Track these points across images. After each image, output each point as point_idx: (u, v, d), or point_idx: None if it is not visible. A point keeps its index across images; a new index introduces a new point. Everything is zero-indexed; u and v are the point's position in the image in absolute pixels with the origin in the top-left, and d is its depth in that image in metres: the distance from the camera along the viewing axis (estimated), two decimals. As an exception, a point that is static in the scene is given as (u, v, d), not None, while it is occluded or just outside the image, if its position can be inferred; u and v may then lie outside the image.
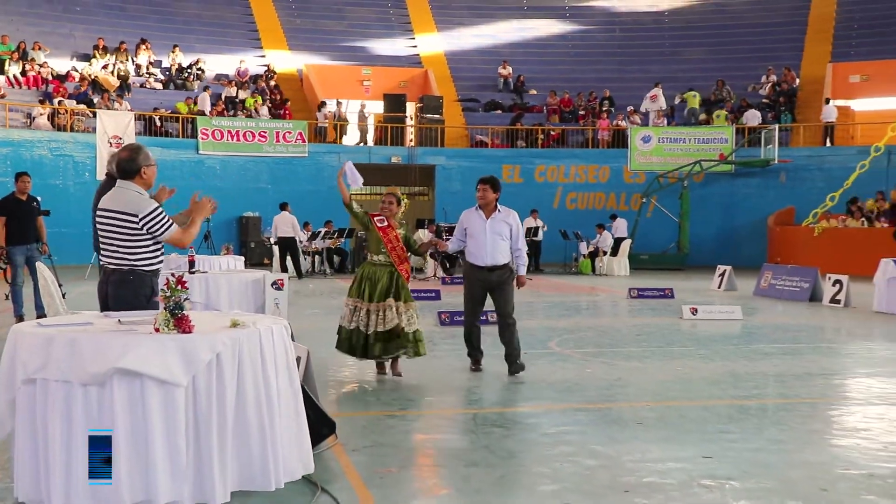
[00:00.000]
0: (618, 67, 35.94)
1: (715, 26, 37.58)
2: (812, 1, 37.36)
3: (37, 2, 33.33)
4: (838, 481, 5.69)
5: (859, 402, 8.76)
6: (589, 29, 38.48)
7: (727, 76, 33.94)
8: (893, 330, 13.95)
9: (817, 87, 33.48)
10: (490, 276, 9.17)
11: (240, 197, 28.55)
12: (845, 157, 29.42)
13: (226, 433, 4.88)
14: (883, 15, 35.90)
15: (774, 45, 35.82)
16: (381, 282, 8.77)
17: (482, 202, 9.29)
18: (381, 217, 8.93)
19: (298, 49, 35.47)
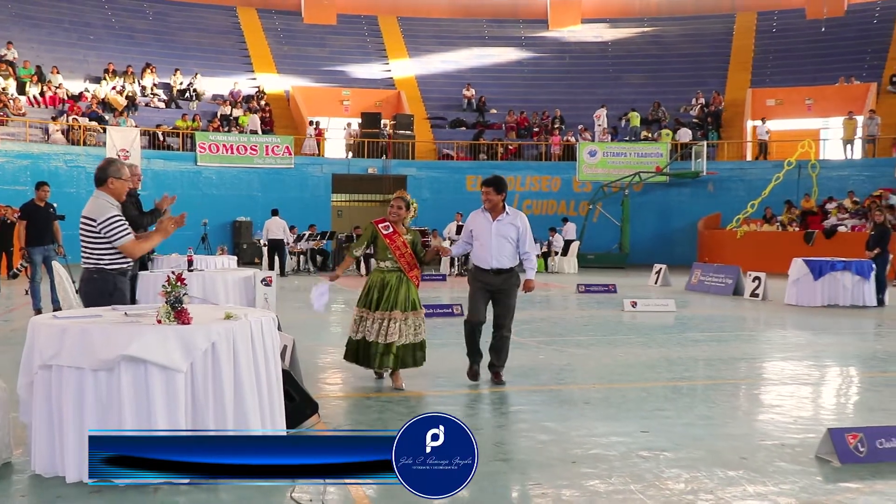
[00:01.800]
0: (567, 90, 36.02)
1: (652, 55, 37.79)
2: (734, 34, 37.75)
3: (54, 31, 33.11)
4: (756, 451, 5.77)
5: (774, 382, 8.86)
6: (542, 56, 38.56)
7: (662, 98, 34.20)
8: (803, 320, 14.11)
9: (739, 109, 33.83)
10: (495, 280, 7.95)
11: (233, 203, 28.44)
12: (763, 170, 29.71)
13: (223, 413, 4.89)
14: (793, 48, 36.40)
15: (702, 72, 36.12)
16: (388, 288, 7.71)
17: (488, 205, 8.08)
18: (386, 223, 7.93)
19: (286, 72, 35.32)
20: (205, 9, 37.41)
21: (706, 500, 4.76)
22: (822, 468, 5.42)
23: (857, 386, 8.92)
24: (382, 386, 8.10)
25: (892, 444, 5.62)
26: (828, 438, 5.60)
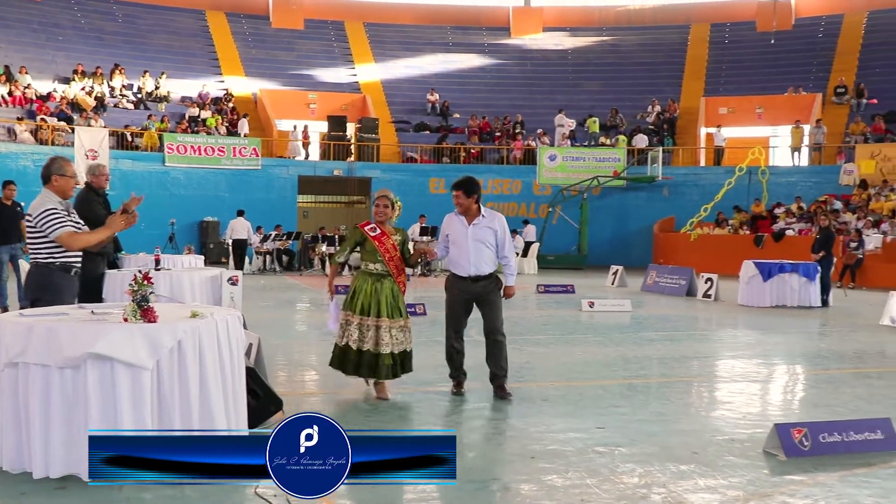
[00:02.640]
0: (528, 96, 36.14)
1: (610, 63, 38.03)
2: (689, 45, 38.12)
3: (23, 31, 32.56)
4: (707, 446, 5.84)
5: (725, 379, 8.96)
6: (504, 63, 38.66)
7: (620, 105, 34.43)
8: (753, 320, 14.29)
9: (693, 117, 34.15)
10: (474, 288, 7.26)
11: (201, 204, 28.18)
12: (715, 175, 30.02)
13: (189, 410, 4.86)
14: (745, 59, 36.85)
15: (658, 80, 36.41)
16: (375, 293, 7.06)
17: (460, 209, 7.38)
18: (373, 225, 7.24)
19: (254, 76, 35.08)
20: (174, 12, 37.06)
21: (659, 494, 4.80)
22: (769, 462, 5.50)
23: (803, 383, 9.04)
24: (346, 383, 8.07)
25: (835, 438, 5.72)
26: (774, 433, 5.68)
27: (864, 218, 24.86)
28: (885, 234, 23.55)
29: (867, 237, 23.13)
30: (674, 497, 4.76)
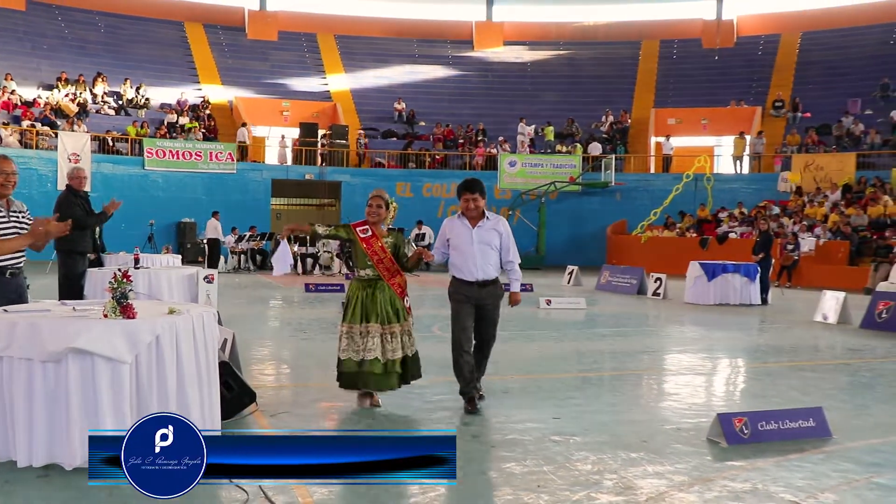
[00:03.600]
0: (490, 105, 36.19)
1: (566, 76, 38.20)
2: (640, 59, 38.41)
3: (9, 40, 32.04)
4: (655, 434, 5.88)
5: (672, 372, 9.04)
6: (467, 74, 38.70)
7: (576, 115, 34.59)
8: (699, 317, 14.41)
9: (643, 127, 34.44)
10: (480, 293, 6.55)
11: (178, 206, 27.87)
12: (664, 181, 30.27)
13: (166, 402, 4.82)
14: (691, 73, 37.23)
15: (611, 92, 36.63)
16: (368, 299, 6.37)
17: (474, 212, 6.63)
18: (365, 227, 6.54)
19: (230, 84, 34.81)
20: (154, 23, 36.69)
21: (610, 480, 4.83)
22: (712, 449, 5.56)
23: (744, 375, 9.13)
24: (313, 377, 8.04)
25: (772, 426, 5.80)
26: (717, 422, 5.74)
27: (800, 222, 25.19)
28: (818, 238, 23.88)
29: (802, 240, 23.42)
30: (624, 482, 4.79)
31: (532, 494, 4.61)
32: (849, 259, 22.58)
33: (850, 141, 29.93)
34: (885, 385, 8.30)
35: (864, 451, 5.61)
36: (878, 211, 24.44)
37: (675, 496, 4.59)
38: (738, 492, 4.67)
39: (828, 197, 26.81)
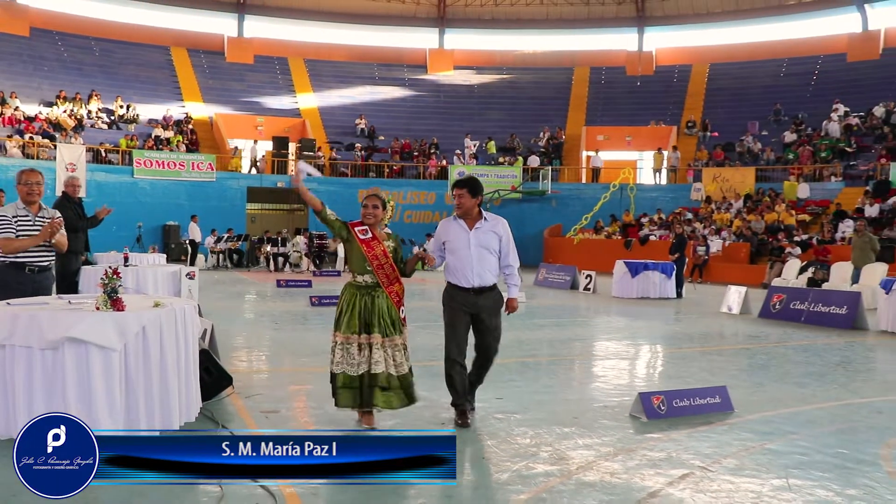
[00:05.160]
0: (442, 122, 36.19)
1: (508, 96, 38.34)
2: (573, 83, 38.70)
3: (14, 62, 31.28)
4: (585, 412, 5.96)
5: (601, 357, 9.14)
6: (422, 94, 38.65)
7: (517, 131, 34.75)
8: (623, 309, 14.59)
9: (576, 142, 34.73)
10: (477, 301, 5.49)
11: (164, 210, 27.42)
12: (594, 190, 30.57)
13: (150, 386, 4.79)
14: (617, 97, 37.55)
15: (548, 111, 36.87)
16: (366, 307, 5.19)
17: (460, 211, 5.61)
18: (364, 227, 5.35)
19: (210, 102, 34.31)
20: (143, 47, 36.05)
21: (546, 452, 4.89)
22: (634, 423, 5.64)
23: (661, 359, 9.25)
24: (284, 363, 7.99)
25: (685, 403, 5.92)
26: (638, 400, 5.84)
27: (709, 226, 25.62)
28: (724, 240, 24.32)
29: (711, 242, 23.83)
30: (558, 454, 4.85)
31: (478, 464, 4.66)
32: (749, 258, 23.01)
33: (750, 157, 30.52)
34: (777, 366, 8.51)
35: (759, 422, 5.75)
36: (773, 217, 24.97)
37: (601, 465, 4.66)
38: (655, 460, 4.76)
39: (732, 205, 27.31)
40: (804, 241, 21.92)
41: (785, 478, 4.44)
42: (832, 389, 7.13)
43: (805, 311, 12.54)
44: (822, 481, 4.39)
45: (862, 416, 6.06)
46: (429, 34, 40.91)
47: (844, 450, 5.03)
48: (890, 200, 23.25)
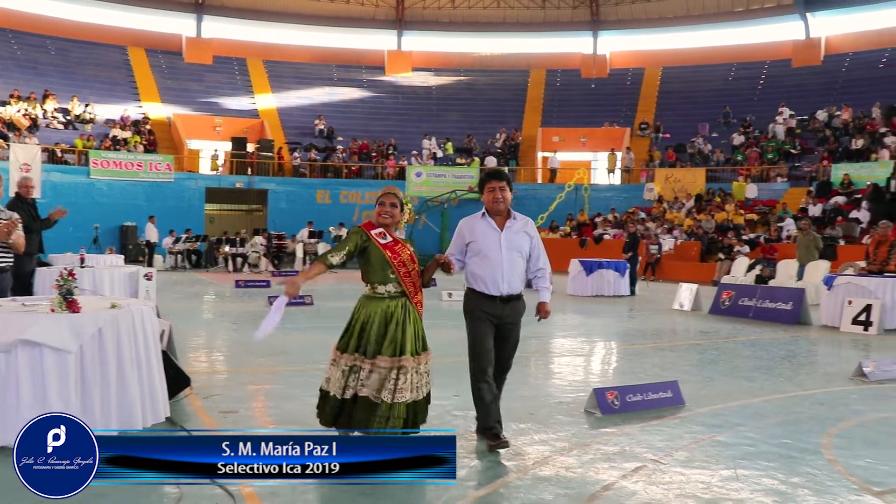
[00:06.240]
0: (400, 123, 36.14)
1: (466, 98, 38.44)
2: (529, 86, 38.95)
3: (-35, 60, 30.54)
4: (541, 408, 6.00)
5: (556, 354, 9.18)
6: (380, 95, 38.54)
7: (474, 132, 34.85)
8: (578, 306, 14.70)
9: (532, 143, 34.95)
10: (504, 310, 4.87)
11: (121, 211, 26.91)
12: (549, 190, 30.80)
13: (108, 388, 4.70)
14: (572, 99, 37.85)
15: (504, 113, 37.04)
16: (394, 323, 4.54)
17: (500, 206, 4.85)
18: (381, 230, 4.67)
19: (168, 102, 33.76)
20: (100, 47, 35.32)
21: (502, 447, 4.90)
22: (589, 418, 5.70)
23: (615, 355, 9.36)
24: (243, 363, 7.91)
25: (638, 397, 6.00)
26: (593, 396, 5.90)
27: (662, 226, 25.99)
28: (676, 239, 24.69)
29: (663, 241, 24.17)
30: (515, 449, 4.88)
31: (436, 461, 4.65)
32: (700, 256, 23.41)
33: (700, 158, 31.04)
34: (726, 361, 8.67)
35: (709, 415, 5.86)
36: (723, 217, 25.43)
37: (557, 459, 4.70)
38: (609, 454, 4.82)
39: (684, 205, 27.74)
40: (752, 240, 22.37)
41: (733, 468, 4.53)
42: (778, 382, 7.29)
43: (753, 307, 12.79)
44: (769, 471, 4.49)
45: (805, 407, 6.21)
46: (387, 36, 40.82)
47: (789, 440, 5.16)
48: (832, 200, 23.84)
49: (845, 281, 11.84)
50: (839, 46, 35.27)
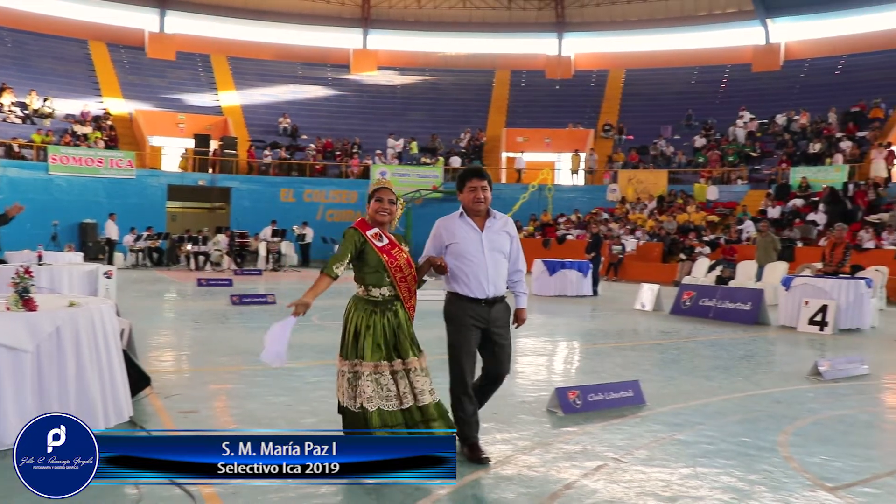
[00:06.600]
0: (364, 122, 35.94)
1: (431, 98, 38.40)
2: (493, 86, 39.02)
3: (-84, 52, 29.68)
4: (503, 407, 5.99)
5: (519, 354, 9.13)
6: (345, 94, 38.34)
7: (438, 132, 34.79)
8: (542, 306, 14.73)
9: (496, 143, 35.02)
10: (490, 313, 4.61)
11: (81, 207, 26.40)
12: (513, 190, 30.88)
13: (66, 388, 4.61)
14: (536, 99, 37.89)
15: (469, 113, 37.06)
16: (390, 326, 4.41)
17: (480, 206, 4.69)
18: (376, 231, 4.49)
19: (130, 98, 33.14)
20: (59, 40, 34.58)
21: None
22: (551, 418, 5.72)
23: (578, 355, 9.40)
24: (205, 362, 7.80)
25: (599, 397, 6.04)
26: (555, 395, 5.92)
27: (624, 227, 26.23)
28: (639, 240, 24.94)
29: (626, 241, 24.40)
30: (477, 448, 4.87)
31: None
32: (662, 257, 23.65)
33: (663, 160, 31.39)
34: (687, 360, 8.77)
35: (670, 414, 5.92)
36: (685, 218, 25.75)
37: (519, 458, 4.71)
38: (571, 453, 4.84)
39: (646, 206, 28.03)
40: (713, 241, 22.68)
41: (693, 466, 4.58)
42: (737, 382, 7.39)
43: (713, 307, 12.97)
44: (727, 468, 4.55)
45: (763, 406, 6.31)
46: (353, 34, 40.63)
47: (747, 438, 5.23)
48: (790, 203, 24.27)
49: (802, 282, 12.07)
50: (798, 52, 35.94)
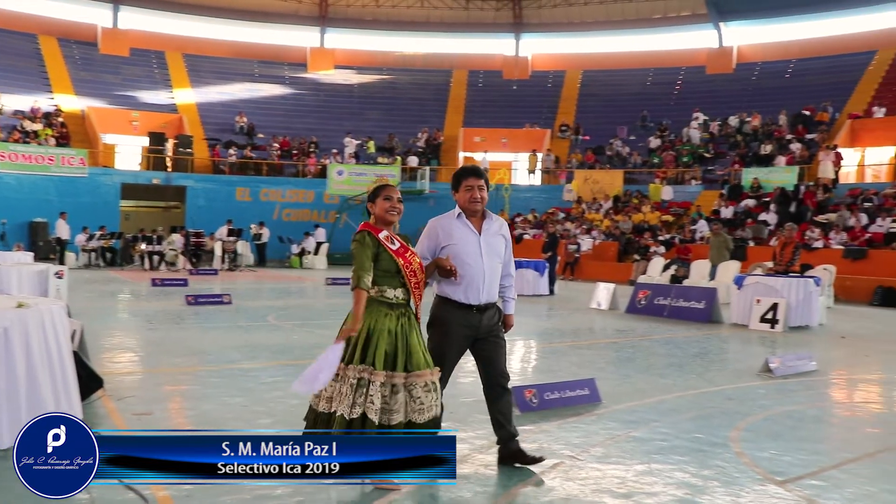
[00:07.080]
0: (321, 121, 35.75)
1: (388, 97, 38.31)
2: (451, 86, 39.11)
3: None
4: (460, 406, 5.98)
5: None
6: (302, 93, 38.06)
7: (396, 131, 34.74)
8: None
9: (454, 143, 35.10)
10: (481, 321, 4.34)
11: (31, 206, 25.72)
12: (472, 190, 30.91)
13: (16, 390, 4.46)
14: (494, 99, 38.13)
15: (426, 112, 37.08)
16: (402, 334, 4.00)
17: (477, 207, 4.43)
18: (387, 234, 4.12)
19: (83, 94, 32.46)
20: (7, 34, 33.61)
21: (422, 445, 4.88)
22: (508, 417, 5.73)
23: (534, 354, 9.43)
24: (159, 363, 7.66)
25: (556, 395, 6.07)
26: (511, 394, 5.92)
27: (580, 226, 26.47)
28: (595, 239, 25.19)
29: (582, 241, 24.63)
30: (434, 447, 4.85)
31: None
32: (617, 257, 23.92)
33: (618, 160, 31.77)
34: (642, 358, 8.87)
35: (625, 412, 5.97)
36: (640, 218, 26.08)
37: (476, 457, 4.71)
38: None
39: (602, 206, 28.33)
40: (667, 241, 23.01)
41: (647, 463, 4.63)
42: (691, 379, 7.50)
43: (668, 306, 13.15)
44: (681, 464, 4.61)
45: (716, 402, 6.41)
46: (310, 33, 40.34)
47: (701, 434, 5.30)
48: (742, 203, 24.74)
49: (754, 281, 12.30)
50: (750, 55, 36.66)
